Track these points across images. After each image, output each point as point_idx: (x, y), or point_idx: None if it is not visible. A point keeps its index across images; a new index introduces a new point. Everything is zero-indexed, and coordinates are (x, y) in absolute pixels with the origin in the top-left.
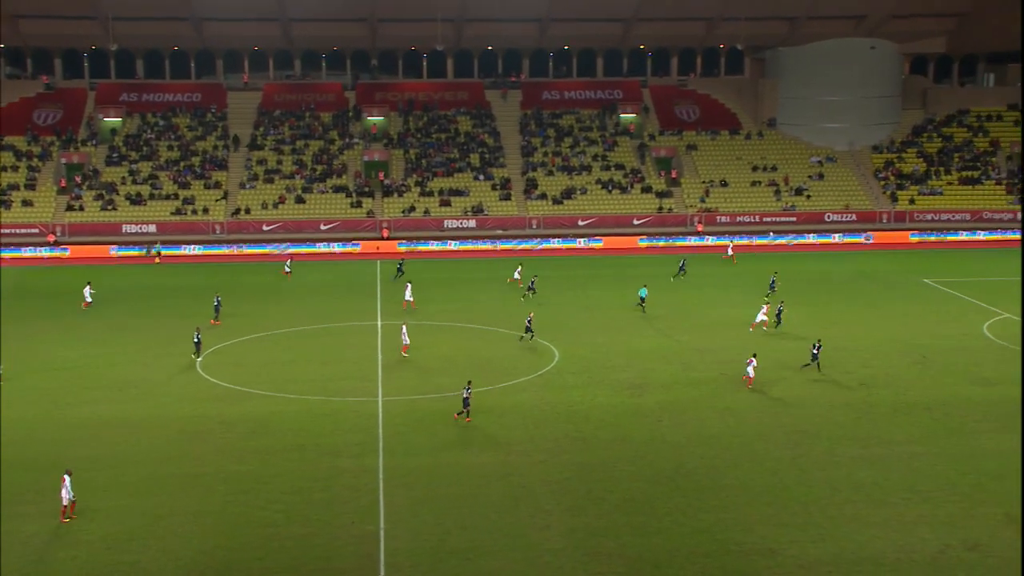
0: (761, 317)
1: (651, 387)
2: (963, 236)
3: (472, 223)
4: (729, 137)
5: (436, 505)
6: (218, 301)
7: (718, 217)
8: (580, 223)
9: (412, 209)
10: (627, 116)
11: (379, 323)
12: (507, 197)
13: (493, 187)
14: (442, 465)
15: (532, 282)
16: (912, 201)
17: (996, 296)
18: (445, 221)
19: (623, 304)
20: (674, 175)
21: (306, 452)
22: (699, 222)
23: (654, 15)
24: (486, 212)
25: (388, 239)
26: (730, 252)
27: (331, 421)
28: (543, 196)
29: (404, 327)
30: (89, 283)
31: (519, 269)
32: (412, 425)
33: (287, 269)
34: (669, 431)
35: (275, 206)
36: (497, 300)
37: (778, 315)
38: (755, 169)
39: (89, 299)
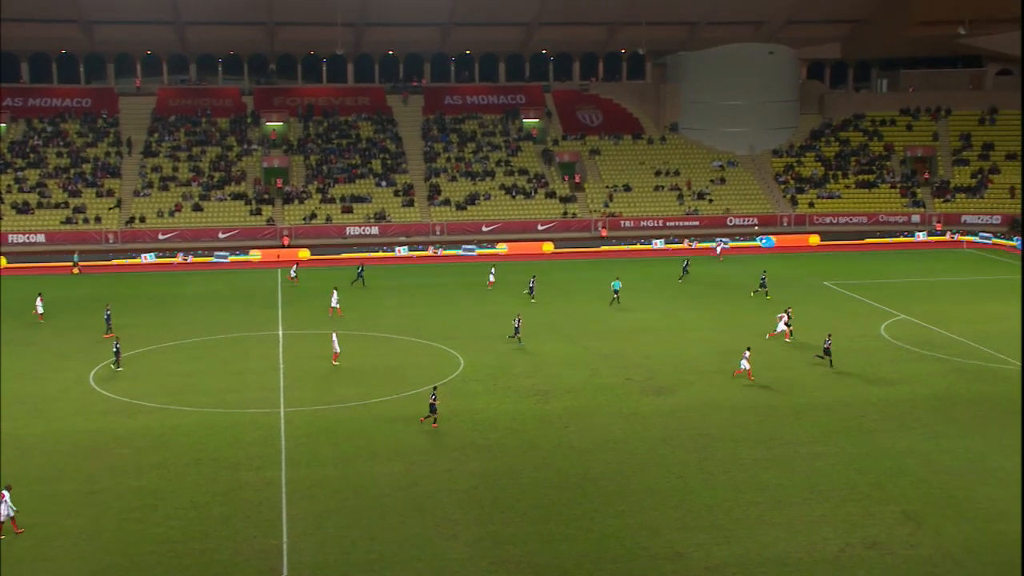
0: (782, 327)
1: (557, 393)
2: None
3: (375, 230)
4: (632, 142)
5: (341, 517)
6: (108, 313)
7: (622, 222)
8: (484, 229)
9: (313, 216)
10: (530, 121)
11: (280, 333)
12: (410, 203)
13: (396, 193)
14: (347, 476)
15: (532, 283)
16: (812, 204)
17: (893, 298)
18: (347, 228)
19: (529, 311)
20: (578, 180)
21: (205, 466)
22: (603, 227)
23: (555, 20)
24: (389, 219)
25: (289, 247)
26: (718, 251)
27: (231, 434)
28: (446, 202)
29: (334, 335)
30: (40, 294)
31: (493, 271)
32: (315, 436)
33: (293, 275)
34: (575, 437)
35: (171, 214)
36: (405, 307)
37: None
38: (658, 173)
39: (40, 310)
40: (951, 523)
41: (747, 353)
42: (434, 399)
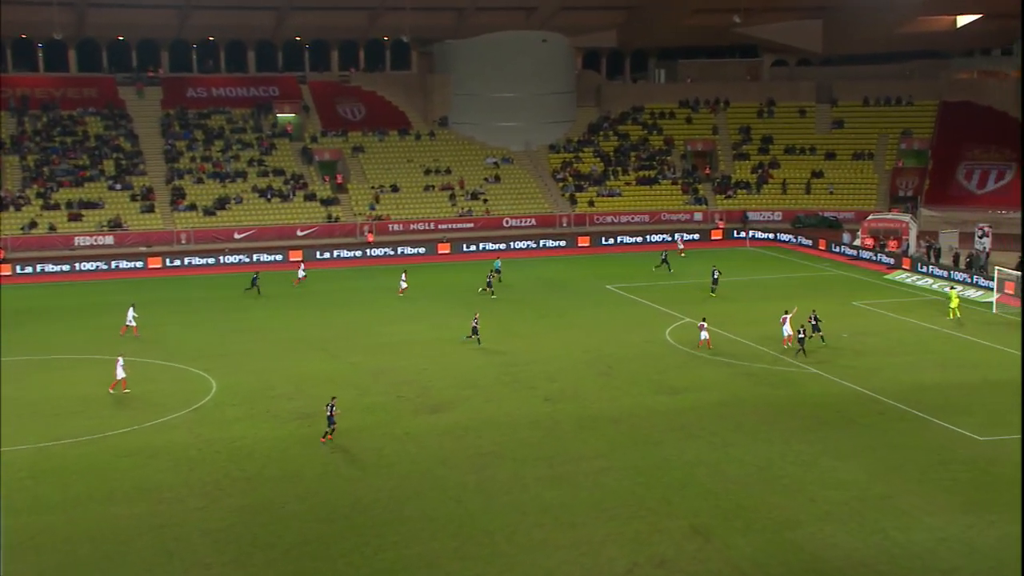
0: (788, 331)
1: (322, 416)
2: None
3: (109, 240)
4: (399, 138)
5: (73, 570)
6: None
7: (390, 225)
8: (236, 236)
9: (33, 225)
10: (285, 116)
11: None
12: (150, 209)
13: (133, 198)
14: (79, 521)
15: (490, 278)
16: (592, 203)
17: (676, 300)
18: (76, 238)
19: (289, 326)
20: (340, 180)
21: None
22: (369, 231)
23: (310, 3)
24: (126, 226)
25: (3, 261)
26: (680, 245)
27: None
28: (192, 207)
29: (120, 360)
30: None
31: (404, 276)
32: (40, 477)
33: (302, 274)
34: (343, 463)
35: None
36: (145, 327)
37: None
38: (428, 172)
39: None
40: (740, 535)
41: (704, 324)
42: (332, 411)
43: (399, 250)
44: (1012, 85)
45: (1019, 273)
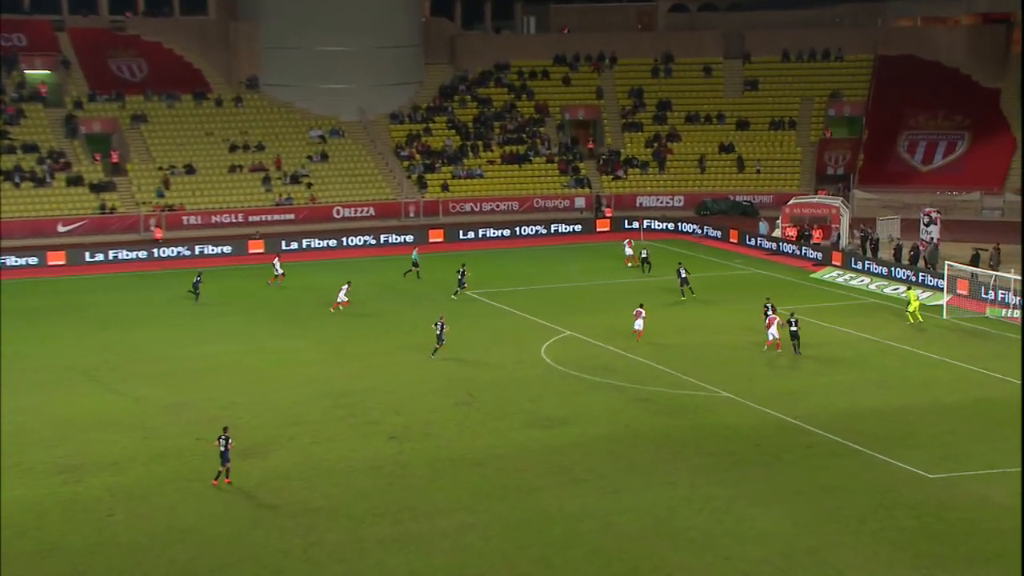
0: (772, 334)
1: (94, 468)
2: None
3: None
4: (194, 103)
5: None
6: None
7: (184, 217)
8: None
9: None
10: (36, 73)
11: None
12: None
13: None
14: None
15: (461, 278)
16: (446, 187)
17: (553, 309)
18: None
19: (48, 350)
20: (116, 159)
21: None
22: (157, 226)
23: None
24: None
25: None
26: (628, 254)
27: None
28: None
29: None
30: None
31: (345, 289)
32: None
33: (278, 271)
34: (124, 528)
35: None
36: None
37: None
38: (234, 149)
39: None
40: None
41: (642, 312)
42: (225, 445)
43: (197, 249)
44: (964, 35)
45: (977, 271)
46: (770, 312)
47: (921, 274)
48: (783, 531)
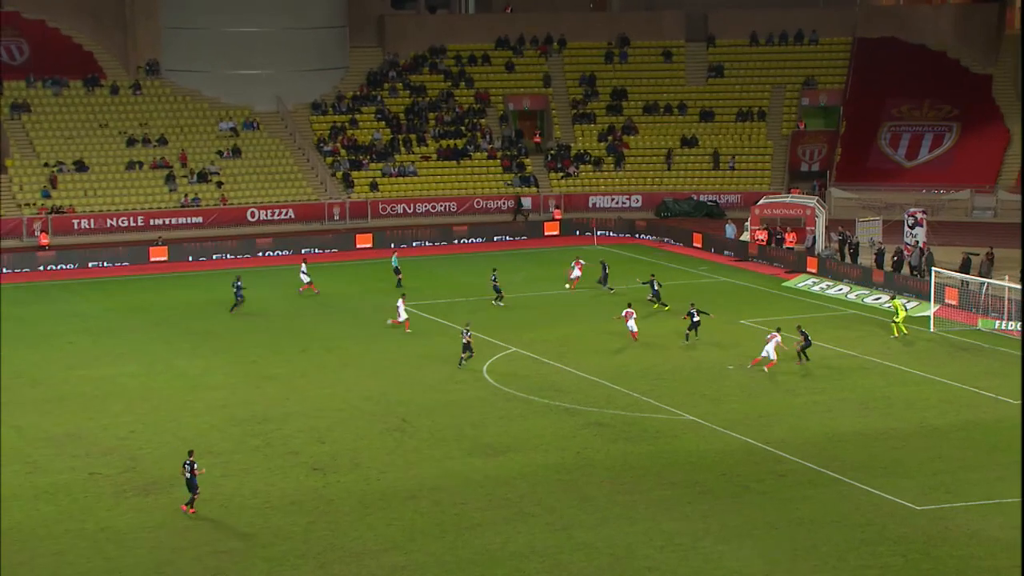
0: (767, 352)
1: None
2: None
3: None
4: (85, 91)
5: None
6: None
7: (75, 221)
8: None
9: None
10: None
11: None
12: None
13: None
14: None
15: (495, 283)
16: (375, 186)
17: (497, 322)
18: None
19: None
20: None
21: None
22: (43, 231)
23: None
24: None
25: None
26: (575, 276)
27: None
28: None
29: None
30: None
31: (402, 305)
32: None
33: (307, 279)
34: None
35: None
36: None
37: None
38: (132, 143)
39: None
40: None
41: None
42: (191, 470)
43: (89, 258)
44: (952, 15)
45: (968, 278)
46: (778, 334)
47: (906, 282)
48: (754, 570)
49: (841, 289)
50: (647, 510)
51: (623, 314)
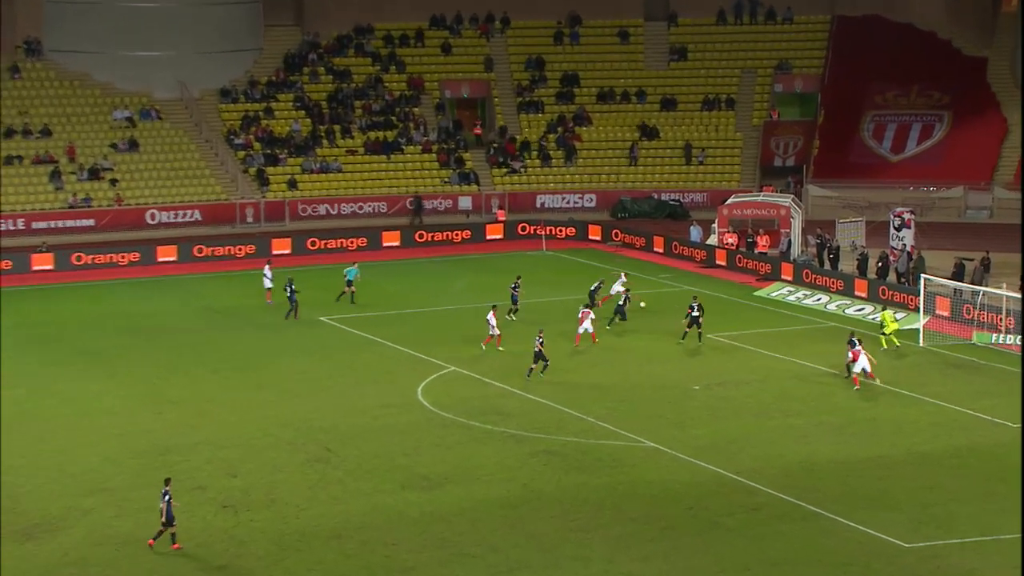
0: (864, 367)
1: None
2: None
3: None
4: None
5: None
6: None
7: None
8: None
9: None
10: None
11: None
12: None
13: None
14: None
15: (514, 290)
16: (293, 184)
17: (434, 337)
18: None
19: None
20: None
21: None
22: None
23: None
24: None
25: None
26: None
27: None
28: None
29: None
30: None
31: (493, 318)
32: None
33: (270, 283)
34: None
35: None
36: None
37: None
38: (10, 134)
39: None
40: None
41: (589, 312)
42: (168, 501)
43: None
44: None
45: (961, 286)
46: (856, 344)
47: (892, 291)
48: None
49: (819, 299)
50: (603, 549)
51: (579, 315)
